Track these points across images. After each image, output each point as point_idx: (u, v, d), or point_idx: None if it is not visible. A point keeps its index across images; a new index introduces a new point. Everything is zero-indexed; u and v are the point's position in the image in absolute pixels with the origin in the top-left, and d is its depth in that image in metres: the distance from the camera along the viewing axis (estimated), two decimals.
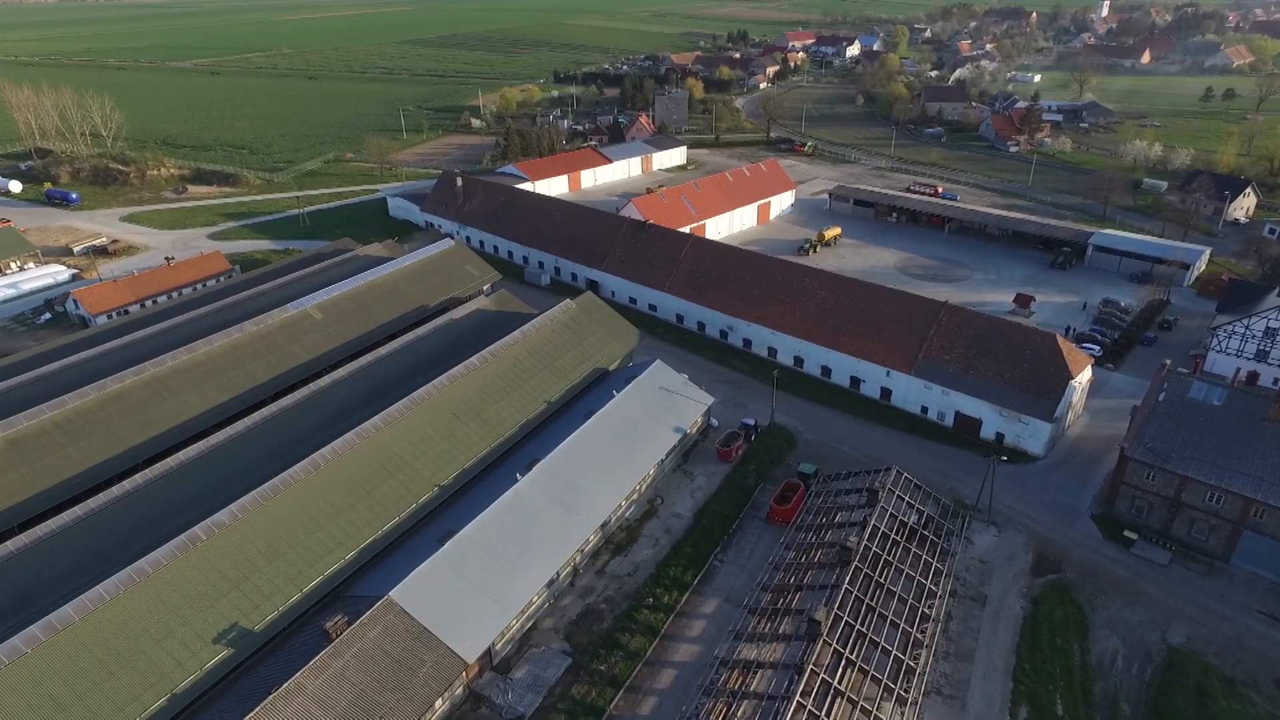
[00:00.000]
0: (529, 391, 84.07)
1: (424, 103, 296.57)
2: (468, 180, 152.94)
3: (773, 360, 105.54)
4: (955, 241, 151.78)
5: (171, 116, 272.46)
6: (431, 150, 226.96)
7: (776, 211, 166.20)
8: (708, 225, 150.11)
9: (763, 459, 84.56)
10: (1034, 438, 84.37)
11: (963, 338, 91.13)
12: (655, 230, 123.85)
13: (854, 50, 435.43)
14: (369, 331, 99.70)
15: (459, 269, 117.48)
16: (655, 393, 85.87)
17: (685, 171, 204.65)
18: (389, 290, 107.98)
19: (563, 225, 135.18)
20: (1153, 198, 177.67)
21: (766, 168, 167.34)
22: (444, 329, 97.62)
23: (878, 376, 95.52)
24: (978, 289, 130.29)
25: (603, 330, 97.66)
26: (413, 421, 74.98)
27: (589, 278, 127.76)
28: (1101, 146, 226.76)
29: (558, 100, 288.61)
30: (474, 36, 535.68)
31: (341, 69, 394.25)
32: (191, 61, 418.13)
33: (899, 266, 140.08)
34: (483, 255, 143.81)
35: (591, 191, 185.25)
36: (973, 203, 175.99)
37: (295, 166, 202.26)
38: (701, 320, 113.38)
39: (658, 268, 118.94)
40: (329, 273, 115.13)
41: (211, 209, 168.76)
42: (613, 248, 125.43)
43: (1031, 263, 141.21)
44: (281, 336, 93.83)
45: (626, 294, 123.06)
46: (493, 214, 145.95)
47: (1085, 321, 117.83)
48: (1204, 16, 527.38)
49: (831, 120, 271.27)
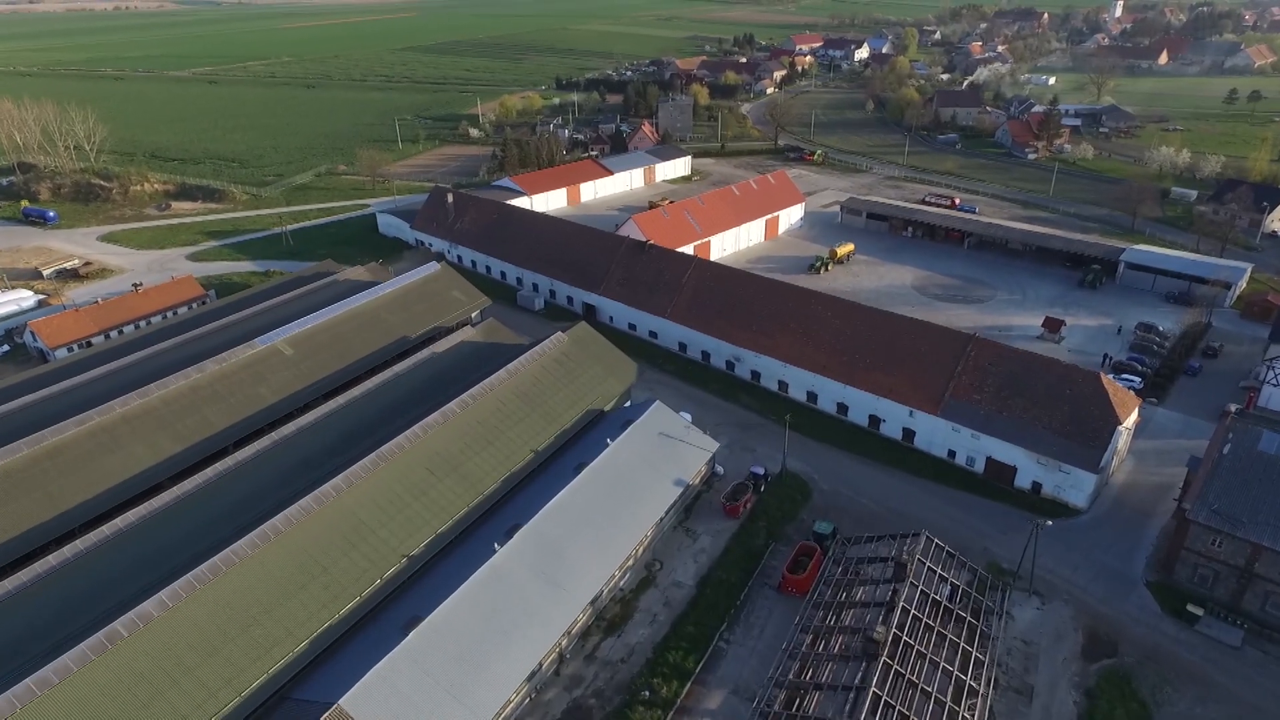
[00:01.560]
0: (514, 440, 75.87)
1: (422, 111, 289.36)
2: (459, 197, 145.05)
3: (784, 395, 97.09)
4: (975, 258, 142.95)
5: (163, 128, 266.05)
6: (427, 162, 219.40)
7: (785, 226, 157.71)
8: (712, 242, 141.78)
9: (773, 514, 76.07)
10: (1077, 489, 75.60)
11: (994, 375, 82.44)
12: (656, 251, 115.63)
13: (863, 53, 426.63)
14: (344, 368, 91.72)
15: (445, 295, 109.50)
16: (654, 440, 77.56)
17: (690, 183, 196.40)
18: (368, 320, 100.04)
19: (558, 245, 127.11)
20: (1182, 208, 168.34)
21: (774, 180, 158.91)
22: (426, 364, 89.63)
23: (899, 416, 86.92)
24: (1002, 311, 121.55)
25: (598, 365, 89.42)
26: (381, 480, 66.84)
27: (585, 301, 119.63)
28: (1124, 152, 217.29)
29: (559, 108, 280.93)
30: (476, 43, 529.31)
31: (341, 77, 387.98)
32: (190, 71, 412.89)
33: (917, 286, 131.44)
34: (475, 276, 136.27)
35: (591, 205, 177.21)
36: (992, 215, 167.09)
37: (285, 180, 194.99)
38: (706, 350, 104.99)
39: (659, 292, 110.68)
40: (307, 300, 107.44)
41: (194, 227, 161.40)
42: (611, 270, 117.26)
43: (1058, 281, 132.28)
44: (246, 376, 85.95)
45: (625, 319, 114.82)
46: (485, 232, 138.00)
47: (1121, 348, 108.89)
48: (1220, 16, 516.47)
49: (841, 126, 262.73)
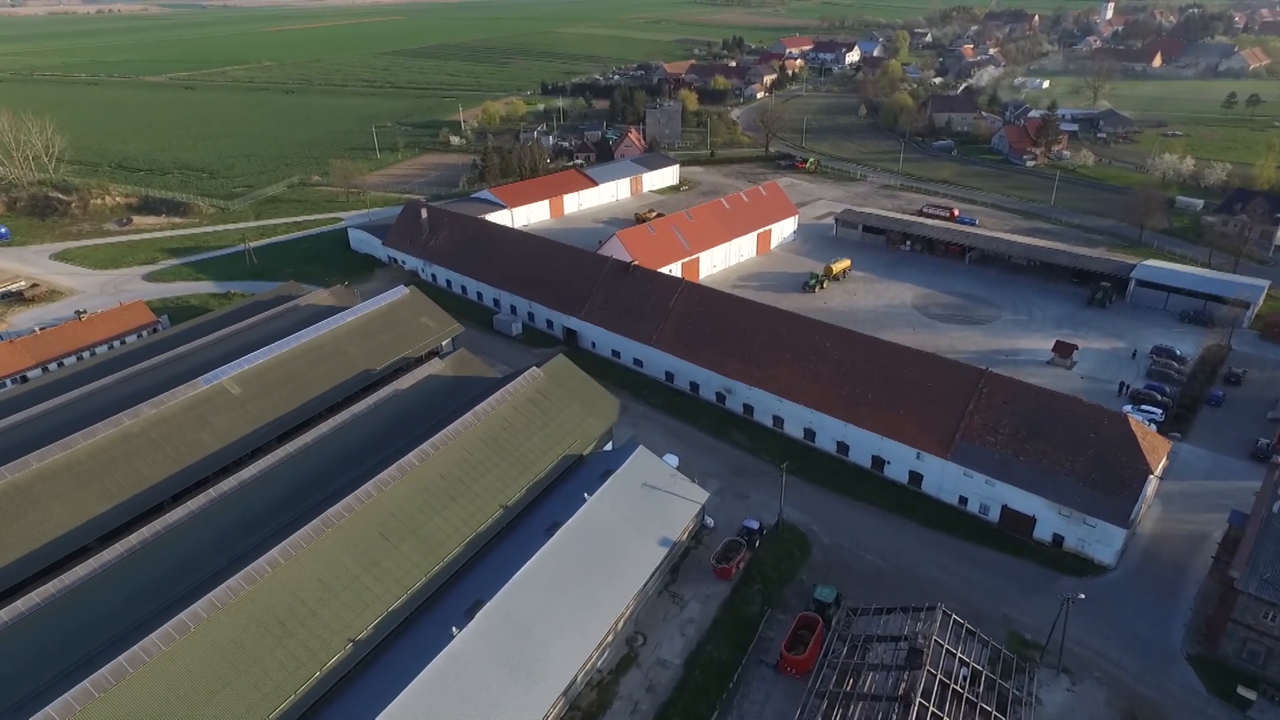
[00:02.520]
0: (480, 494, 68.12)
1: (404, 118, 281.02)
2: (434, 212, 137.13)
3: (779, 432, 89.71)
4: (978, 274, 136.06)
5: (133, 136, 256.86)
6: (406, 171, 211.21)
7: (778, 240, 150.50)
8: (701, 259, 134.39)
9: (769, 574, 68.61)
10: (1104, 545, 68.43)
11: (1010, 415, 75.27)
12: (641, 273, 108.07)
13: (854, 56, 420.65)
14: (297, 409, 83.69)
15: (414, 322, 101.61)
16: (636, 492, 69.99)
17: (678, 193, 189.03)
18: (327, 353, 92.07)
19: (538, 265, 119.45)
20: (1189, 218, 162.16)
21: (766, 191, 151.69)
22: (388, 404, 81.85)
23: (906, 458, 79.64)
24: (1008, 333, 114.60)
25: (576, 404, 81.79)
26: (326, 549, 59.00)
27: (566, 326, 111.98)
28: (1124, 159, 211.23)
29: (544, 114, 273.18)
30: (462, 46, 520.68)
31: (321, 82, 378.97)
32: (167, 76, 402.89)
33: (917, 305, 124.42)
34: (450, 297, 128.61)
35: (575, 218, 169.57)
36: (991, 226, 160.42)
37: (255, 192, 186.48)
38: (695, 380, 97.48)
39: (644, 317, 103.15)
40: (263, 328, 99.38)
41: (154, 243, 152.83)
42: (594, 292, 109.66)
43: (1065, 299, 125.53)
44: (187, 420, 77.88)
45: (609, 346, 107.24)
46: (461, 250, 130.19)
47: (1137, 375, 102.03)
48: (1211, 18, 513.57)
49: (833, 132, 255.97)
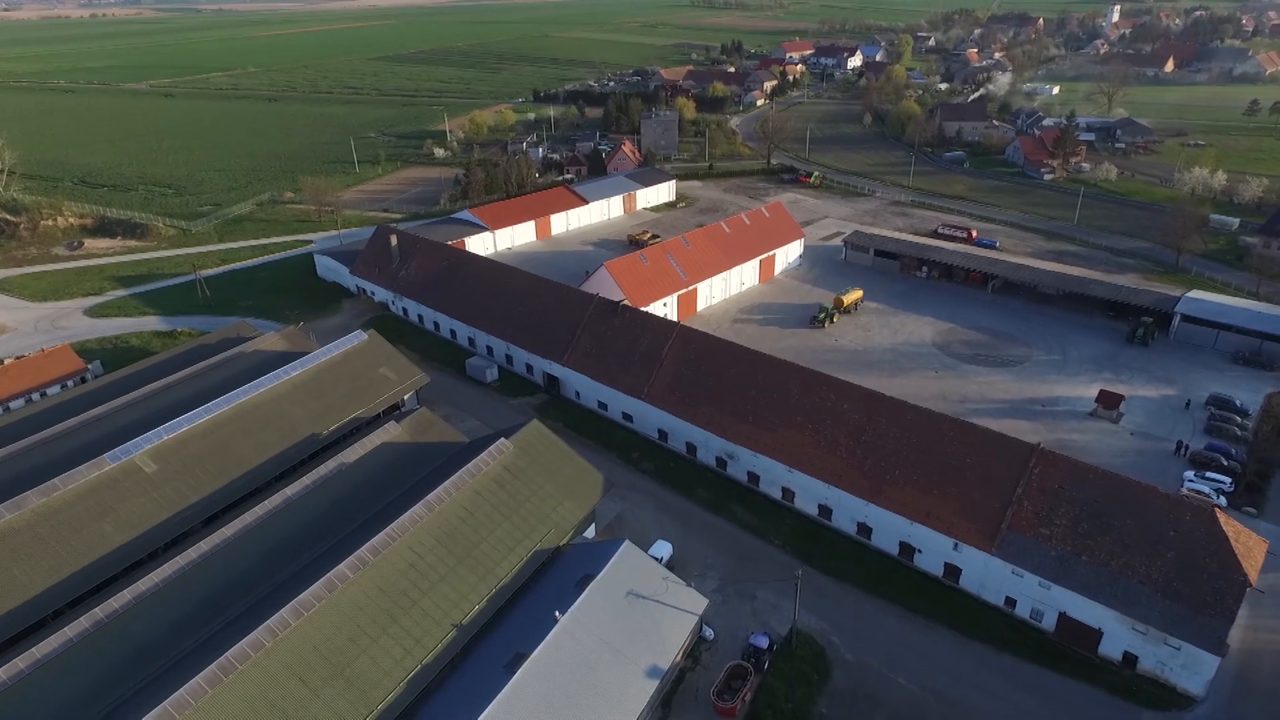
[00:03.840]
0: (430, 611, 55.81)
1: (388, 127, 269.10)
2: (405, 238, 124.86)
3: (789, 506, 77.47)
4: (1002, 305, 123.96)
5: (102, 147, 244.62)
6: (385, 187, 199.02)
7: (782, 265, 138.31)
8: (699, 290, 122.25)
9: (781, 705, 56.30)
10: (1190, 672, 56.16)
11: (1068, 502, 63.03)
12: (631, 315, 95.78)
13: (856, 61, 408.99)
14: (221, 490, 71.26)
15: (371, 373, 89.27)
16: (620, 606, 57.72)
17: (674, 210, 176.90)
18: (268, 415, 79.76)
19: (517, 301, 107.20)
20: (1225, 239, 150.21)
21: (770, 212, 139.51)
22: (330, 484, 69.54)
23: (940, 548, 67.43)
24: (1042, 376, 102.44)
25: (552, 484, 69.48)
26: (226, 701, 46.75)
27: (548, 372, 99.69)
28: (1146, 171, 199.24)
29: (534, 124, 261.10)
30: (454, 52, 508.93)
31: (306, 89, 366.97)
32: (147, 83, 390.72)
33: (938, 343, 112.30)
34: (422, 334, 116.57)
35: (564, 239, 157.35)
36: (1012, 248, 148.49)
37: (221, 211, 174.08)
38: (691, 441, 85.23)
39: (634, 365, 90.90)
40: (201, 381, 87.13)
41: (104, 271, 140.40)
42: (578, 335, 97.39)
43: (1102, 336, 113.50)
44: (85, 510, 65.50)
45: (594, 397, 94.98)
46: (434, 282, 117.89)
47: (1193, 431, 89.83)
48: (1220, 21, 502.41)
49: (837, 142, 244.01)
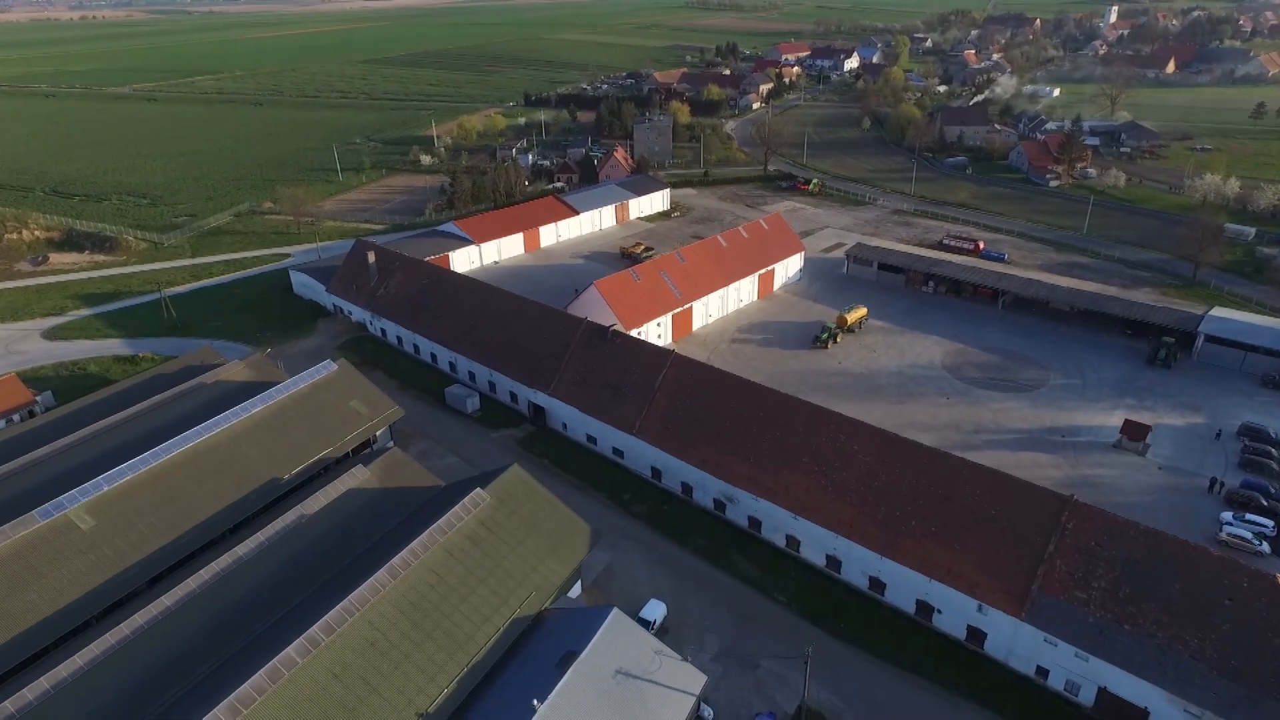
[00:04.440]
0: (392, 699, 49.11)
1: (375, 133, 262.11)
2: (383, 255, 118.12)
3: (794, 556, 70.95)
4: (1014, 323, 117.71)
5: (78, 154, 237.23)
6: (369, 196, 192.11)
7: (781, 280, 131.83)
8: (695, 309, 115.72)
9: None
10: None
11: (1106, 562, 56.65)
12: (622, 341, 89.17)
13: (852, 63, 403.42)
14: (167, 546, 64.41)
15: (340, 407, 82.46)
16: (608, 688, 51.13)
17: (669, 220, 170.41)
18: (224, 458, 72.92)
19: (501, 323, 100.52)
20: (1241, 249, 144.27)
21: (768, 225, 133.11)
22: (290, 537, 62.80)
23: (963, 609, 60.97)
24: (1060, 402, 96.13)
25: (534, 537, 62.83)
26: None
27: (533, 401, 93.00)
28: (1153, 177, 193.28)
29: (524, 129, 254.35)
30: (445, 54, 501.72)
31: (293, 93, 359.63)
32: (130, 87, 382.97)
33: (948, 364, 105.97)
34: (401, 357, 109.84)
35: (553, 252, 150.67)
36: (1020, 260, 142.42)
37: (196, 223, 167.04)
38: (687, 482, 78.67)
39: (625, 397, 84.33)
40: (156, 418, 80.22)
41: (67, 288, 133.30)
42: (565, 362, 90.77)
43: (1121, 356, 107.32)
44: (9, 575, 58.49)
45: (582, 430, 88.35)
46: (414, 302, 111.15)
47: (1226, 465, 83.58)
48: (1219, 21, 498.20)
49: (836, 147, 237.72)
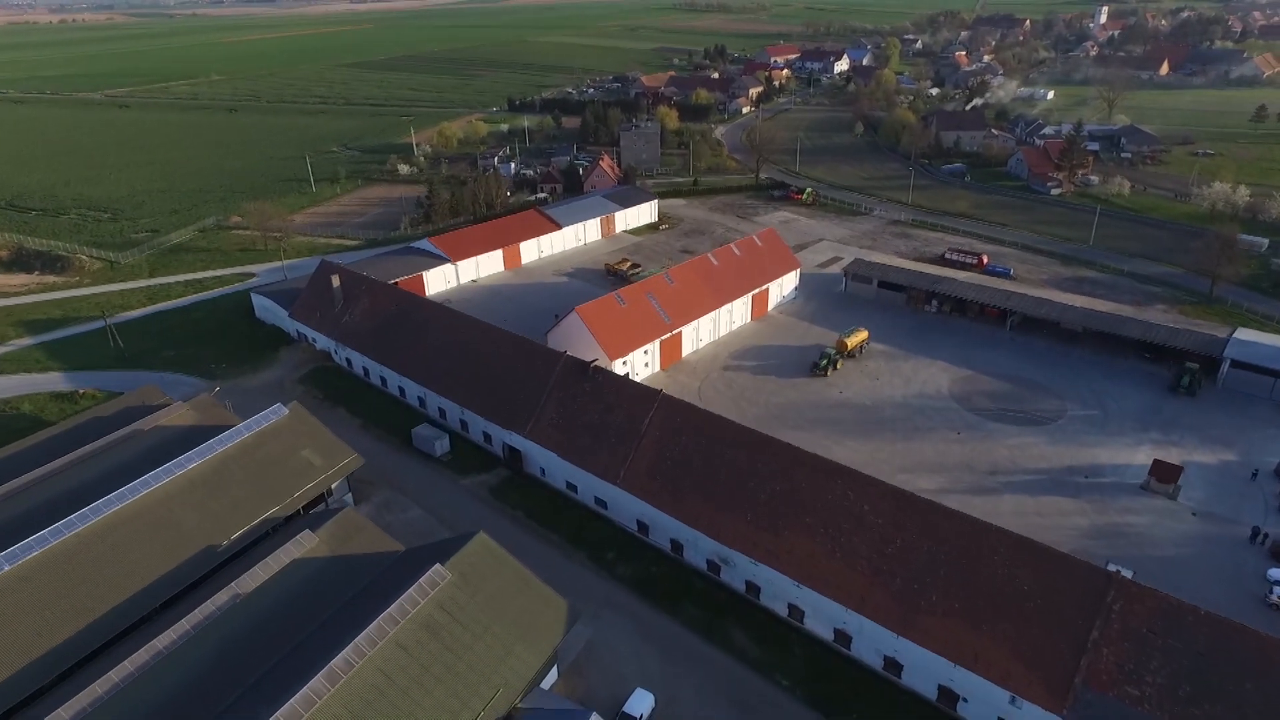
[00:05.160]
0: None
1: (352, 140, 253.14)
2: (349, 278, 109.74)
3: (796, 627, 63.21)
4: (1024, 346, 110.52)
5: (41, 165, 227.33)
6: (343, 208, 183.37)
7: (776, 300, 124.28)
8: (685, 334, 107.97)
9: None
10: None
11: (1162, 653, 49.13)
12: (604, 378, 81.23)
13: (842, 65, 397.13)
14: (74, 638, 55.92)
15: (292, 458, 74.10)
16: None
17: (657, 233, 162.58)
18: (154, 522, 64.45)
19: (473, 356, 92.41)
20: (1255, 262, 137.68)
21: (762, 241, 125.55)
22: (221, 624, 54.51)
23: (993, 700, 53.34)
24: (1080, 437, 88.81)
25: (503, 621, 54.79)
26: None
27: (508, 443, 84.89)
28: (1157, 184, 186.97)
29: (506, 136, 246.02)
30: (428, 58, 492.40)
31: (271, 98, 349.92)
32: (103, 92, 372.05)
33: (957, 394, 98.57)
34: (366, 390, 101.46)
35: (534, 270, 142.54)
36: (1026, 275, 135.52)
37: (158, 240, 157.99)
38: (677, 539, 70.84)
39: (608, 441, 76.42)
40: (83, 473, 71.72)
41: (11, 313, 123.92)
42: (543, 401, 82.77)
43: (1140, 383, 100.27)
44: None
45: (562, 476, 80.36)
46: (381, 330, 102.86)
47: (1264, 509, 76.51)
48: (1210, 22, 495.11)
49: (828, 153, 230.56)
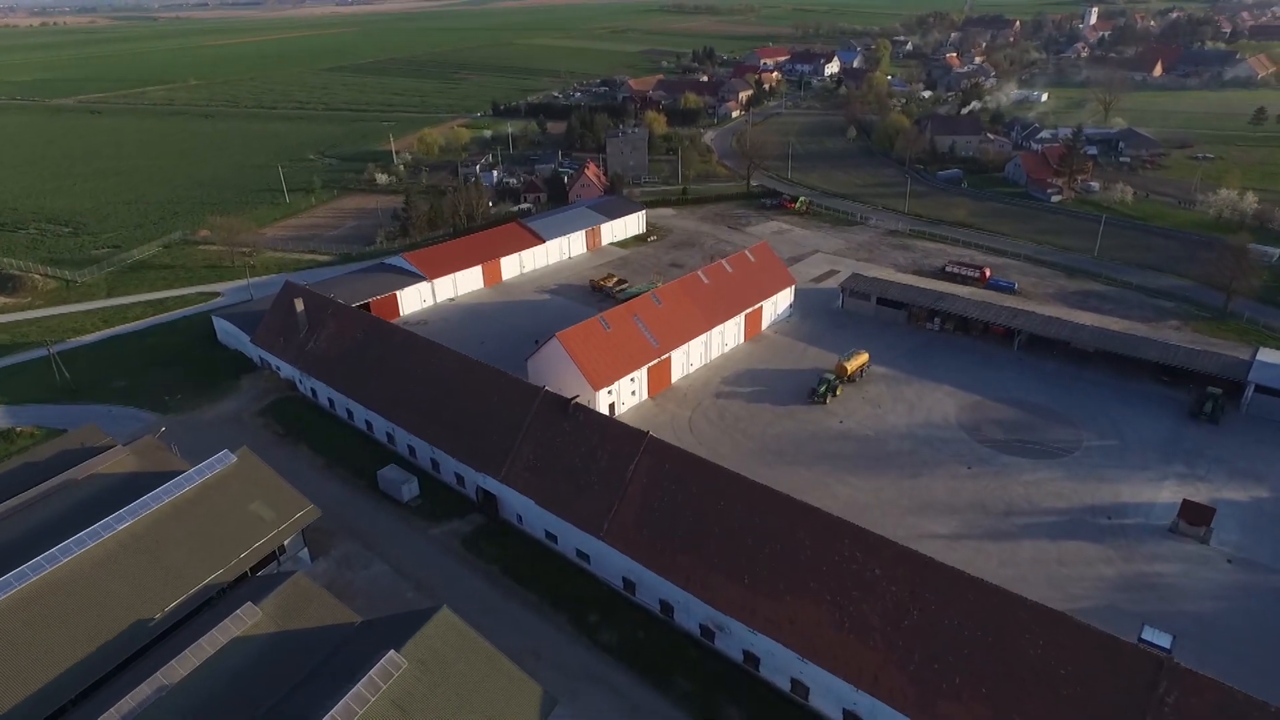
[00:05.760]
0: None
1: (330, 148, 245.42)
2: (314, 301, 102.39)
3: (801, 704, 56.44)
4: (1033, 367, 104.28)
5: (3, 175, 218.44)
6: (317, 220, 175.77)
7: (770, 318, 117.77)
8: (674, 359, 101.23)
9: None
10: None
11: None
12: (585, 417, 74.33)
13: (833, 67, 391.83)
14: None
15: (238, 512, 66.67)
16: None
17: (645, 245, 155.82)
18: (75, 595, 56.88)
19: (445, 389, 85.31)
20: (1267, 273, 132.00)
21: (755, 255, 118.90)
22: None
23: None
24: (1100, 471, 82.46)
25: (468, 713, 47.76)
26: None
27: (482, 487, 77.86)
28: (1160, 190, 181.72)
29: (489, 142, 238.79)
30: (412, 61, 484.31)
31: (250, 104, 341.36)
32: (75, 98, 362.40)
33: (965, 423, 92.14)
34: (332, 423, 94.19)
35: (516, 286, 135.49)
36: (1030, 287, 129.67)
37: (119, 256, 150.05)
38: (667, 600, 63.95)
39: (591, 488, 69.51)
40: (2, 533, 64.29)
41: None
42: (520, 442, 75.77)
43: (1159, 408, 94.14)
44: None
45: (540, 525, 73.38)
46: (348, 358, 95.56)
47: None
48: (1199, 23, 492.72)
49: (821, 159, 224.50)
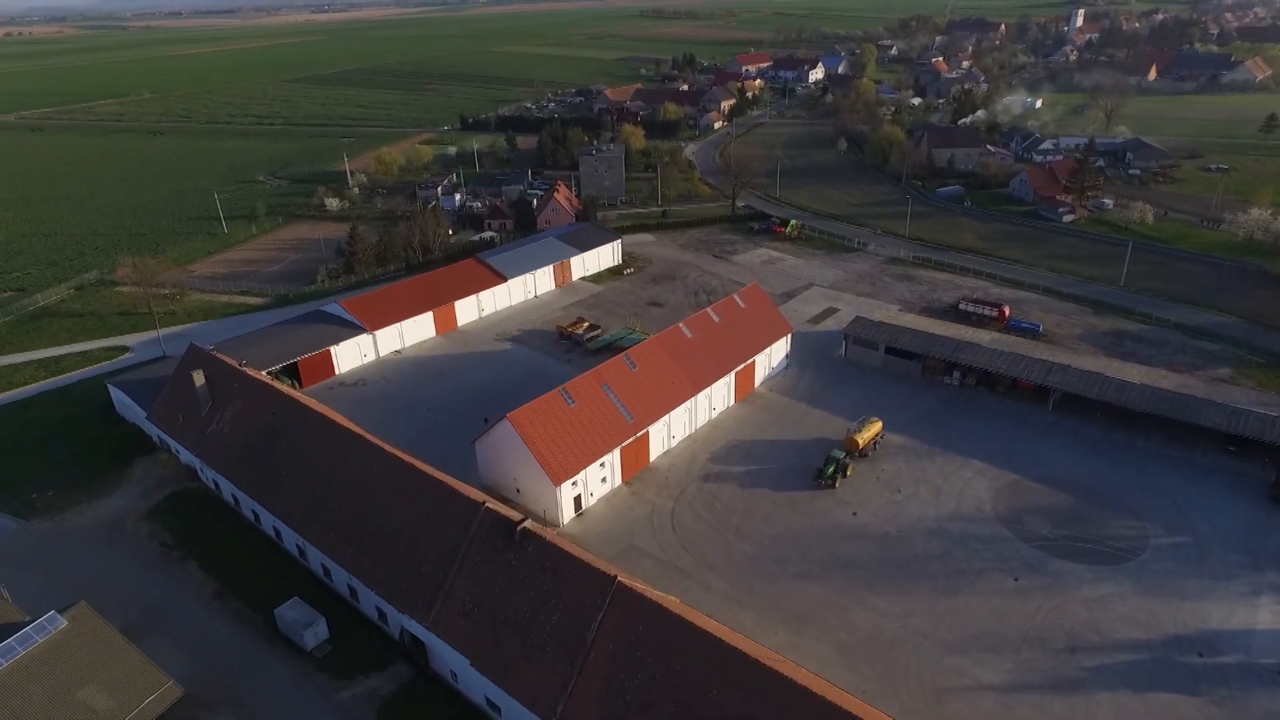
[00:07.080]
0: None
1: (283, 168, 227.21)
2: (216, 372, 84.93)
3: None
4: (1072, 432, 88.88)
5: None
6: (256, 253, 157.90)
7: (764, 373, 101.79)
8: (652, 434, 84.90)
9: None
10: None
11: None
12: (537, 548, 57.59)
13: (818, 74, 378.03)
14: None
15: (64, 700, 49.57)
16: None
17: (620, 279, 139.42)
18: None
19: (368, 495, 68.23)
20: None
21: (745, 299, 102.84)
22: None
23: None
24: (1176, 583, 66.94)
25: None
26: None
27: (408, 630, 60.93)
28: (1177, 207, 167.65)
29: (453, 160, 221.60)
30: (380, 71, 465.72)
31: (203, 119, 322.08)
32: (17, 114, 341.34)
33: (1003, 513, 76.45)
34: (235, 525, 76.78)
35: (473, 334, 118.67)
36: (1054, 327, 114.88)
37: (21, 301, 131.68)
38: None
39: (542, 650, 52.83)
40: None
41: None
42: (454, 575, 58.98)
43: (1231, 487, 79.02)
44: None
45: (481, 691, 56.51)
46: (254, 446, 78.27)
47: None
48: (1186, 24, 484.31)
49: (810, 174, 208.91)
